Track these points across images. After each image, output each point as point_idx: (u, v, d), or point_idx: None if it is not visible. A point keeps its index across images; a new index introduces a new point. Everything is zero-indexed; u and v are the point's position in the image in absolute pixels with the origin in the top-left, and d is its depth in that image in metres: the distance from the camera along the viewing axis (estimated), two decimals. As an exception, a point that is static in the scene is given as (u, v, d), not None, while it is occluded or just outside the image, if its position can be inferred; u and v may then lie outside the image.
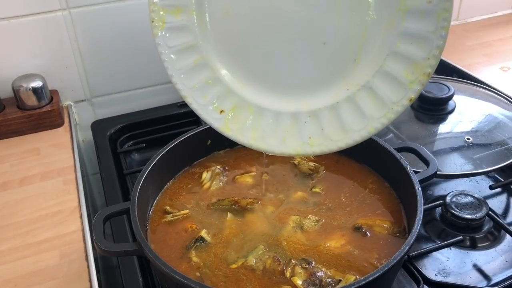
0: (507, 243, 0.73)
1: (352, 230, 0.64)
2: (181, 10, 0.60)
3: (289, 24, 0.58)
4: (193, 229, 0.65)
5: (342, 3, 0.56)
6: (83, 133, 1.06)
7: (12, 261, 0.69)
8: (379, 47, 0.56)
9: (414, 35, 0.54)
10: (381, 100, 0.56)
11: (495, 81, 1.05)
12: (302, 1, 0.57)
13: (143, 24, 1.00)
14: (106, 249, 0.58)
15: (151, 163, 0.69)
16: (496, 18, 1.40)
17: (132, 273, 0.67)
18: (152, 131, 1.01)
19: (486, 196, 0.79)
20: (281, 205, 0.69)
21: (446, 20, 0.52)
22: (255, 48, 0.60)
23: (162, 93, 1.08)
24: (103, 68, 1.02)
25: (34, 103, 0.95)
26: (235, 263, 0.60)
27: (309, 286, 0.57)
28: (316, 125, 0.59)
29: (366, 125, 0.56)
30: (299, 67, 0.60)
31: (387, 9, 0.54)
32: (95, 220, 0.61)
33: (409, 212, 0.65)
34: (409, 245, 0.55)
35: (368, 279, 0.52)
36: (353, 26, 0.56)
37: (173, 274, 0.53)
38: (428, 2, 0.51)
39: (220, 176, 0.74)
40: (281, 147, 0.60)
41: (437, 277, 0.68)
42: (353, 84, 0.57)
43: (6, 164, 0.88)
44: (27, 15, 0.92)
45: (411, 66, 0.54)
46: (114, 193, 0.83)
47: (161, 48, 0.61)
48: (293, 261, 0.59)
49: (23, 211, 0.77)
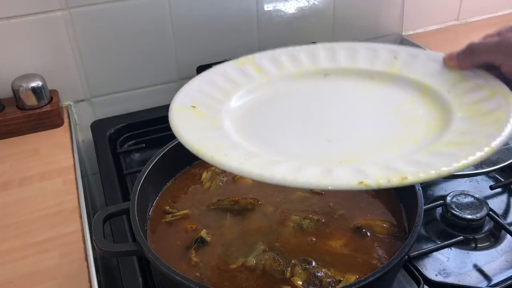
0: (508, 243, 0.73)
1: (352, 230, 0.64)
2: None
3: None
4: (193, 229, 0.65)
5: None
6: (83, 133, 1.06)
7: (12, 261, 0.68)
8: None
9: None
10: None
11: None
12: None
13: (143, 24, 1.00)
14: (106, 249, 0.58)
15: (150, 163, 0.69)
16: (496, 18, 1.40)
17: (132, 273, 0.67)
18: (152, 131, 1.01)
19: (486, 196, 0.79)
20: (281, 205, 0.68)
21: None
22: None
23: (162, 93, 1.08)
24: (103, 68, 1.02)
25: (33, 103, 0.95)
26: (235, 263, 0.60)
27: (309, 286, 0.57)
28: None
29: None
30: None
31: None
32: (94, 220, 0.61)
33: (409, 212, 0.65)
34: (409, 245, 0.55)
35: (368, 279, 0.51)
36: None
37: (173, 275, 0.52)
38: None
39: (220, 176, 0.73)
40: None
41: (438, 277, 0.68)
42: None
43: (6, 164, 0.88)
44: (27, 15, 0.92)
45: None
46: (114, 193, 0.83)
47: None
48: (293, 261, 0.59)
49: (23, 211, 0.77)
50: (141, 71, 1.05)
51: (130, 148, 0.99)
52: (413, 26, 1.32)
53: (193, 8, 1.02)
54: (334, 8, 1.16)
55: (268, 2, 1.08)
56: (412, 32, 1.32)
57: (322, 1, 1.14)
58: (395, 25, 1.26)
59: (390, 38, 1.28)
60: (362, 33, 1.23)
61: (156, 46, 1.03)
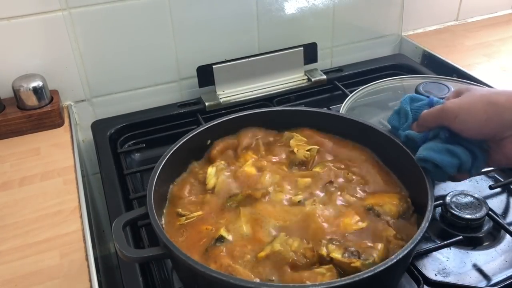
0: (507, 243, 0.73)
1: (364, 210, 0.65)
2: None
3: None
4: (209, 230, 0.64)
5: None
6: (83, 133, 1.06)
7: (12, 261, 0.69)
8: None
9: None
10: None
11: (495, 81, 1.05)
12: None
13: (143, 24, 1.00)
14: (133, 256, 0.57)
15: (159, 165, 0.68)
16: (496, 18, 1.40)
17: (132, 273, 0.67)
18: (152, 131, 1.01)
19: (486, 196, 0.79)
20: (289, 192, 0.69)
21: None
22: None
23: (162, 93, 1.08)
24: (103, 68, 1.02)
25: (34, 103, 0.95)
26: (264, 251, 0.59)
27: (349, 256, 0.57)
28: None
29: None
30: None
31: None
32: (114, 228, 0.59)
33: (414, 190, 0.67)
34: (428, 220, 0.57)
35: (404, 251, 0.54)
36: None
37: (215, 275, 0.52)
38: None
39: (224, 171, 0.73)
40: None
41: (437, 277, 0.68)
42: None
43: (6, 164, 0.88)
44: (27, 15, 0.92)
45: None
46: (114, 193, 0.83)
47: None
48: (323, 241, 0.60)
49: (23, 211, 0.77)
50: (141, 71, 1.05)
51: (131, 148, 0.99)
52: (413, 26, 1.32)
53: (193, 8, 1.02)
54: (334, 8, 1.16)
55: (268, 2, 1.08)
56: (411, 32, 1.32)
57: (322, 1, 1.14)
58: (395, 25, 1.27)
59: (390, 38, 1.28)
60: (361, 33, 1.23)
61: (156, 46, 1.04)
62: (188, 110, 1.04)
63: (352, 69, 1.18)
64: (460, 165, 0.63)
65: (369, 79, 1.05)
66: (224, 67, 1.04)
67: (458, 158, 0.62)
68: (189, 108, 1.04)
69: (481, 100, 0.60)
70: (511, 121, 0.58)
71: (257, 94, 1.07)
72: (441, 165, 0.62)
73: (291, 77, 1.11)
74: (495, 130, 0.59)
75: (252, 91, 1.07)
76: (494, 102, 0.58)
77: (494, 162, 0.63)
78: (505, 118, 0.58)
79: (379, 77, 1.05)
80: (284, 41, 1.10)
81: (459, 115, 0.60)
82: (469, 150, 0.63)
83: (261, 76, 1.08)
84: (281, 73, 1.10)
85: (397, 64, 1.21)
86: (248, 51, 1.08)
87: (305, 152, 0.75)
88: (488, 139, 0.61)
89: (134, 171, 0.88)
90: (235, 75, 1.05)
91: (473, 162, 0.63)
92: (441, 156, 0.62)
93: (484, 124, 0.59)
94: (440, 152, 0.63)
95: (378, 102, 0.98)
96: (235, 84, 1.06)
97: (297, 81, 1.11)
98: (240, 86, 1.07)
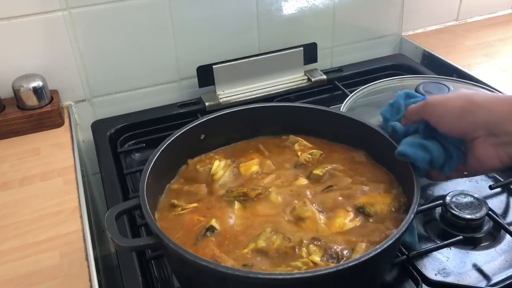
0: (507, 243, 0.73)
1: (355, 210, 0.65)
2: None
3: None
4: (201, 221, 0.65)
5: None
6: (83, 133, 1.06)
7: (12, 261, 0.69)
8: None
9: None
10: None
11: (495, 81, 1.05)
12: None
13: (143, 24, 1.00)
14: (124, 245, 0.58)
15: (152, 158, 0.68)
16: (496, 18, 1.40)
17: (132, 273, 0.67)
18: (152, 131, 1.01)
19: (486, 196, 0.79)
20: (285, 191, 0.69)
21: None
22: None
23: (162, 93, 1.08)
24: (103, 68, 1.02)
25: (34, 103, 0.95)
26: (247, 248, 0.60)
27: (328, 260, 0.57)
28: None
29: None
30: None
31: None
32: (107, 218, 0.59)
33: (406, 187, 0.67)
34: (414, 212, 0.57)
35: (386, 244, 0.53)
36: None
37: (200, 262, 0.52)
38: None
39: (231, 167, 0.74)
40: None
41: (437, 277, 0.68)
42: None
43: (6, 164, 0.88)
44: (27, 15, 0.92)
45: None
46: (114, 193, 0.83)
47: None
48: (304, 241, 0.60)
49: (23, 211, 0.77)
50: (141, 71, 1.05)
51: (131, 148, 0.99)
52: (413, 26, 1.32)
53: (193, 8, 1.02)
54: (334, 8, 1.16)
55: (268, 2, 1.08)
56: (411, 32, 1.32)
57: (322, 1, 1.14)
58: (395, 25, 1.27)
59: (390, 38, 1.28)
60: (361, 33, 1.23)
61: (156, 46, 1.04)
62: (188, 110, 1.04)
63: (352, 69, 1.18)
64: (431, 160, 0.63)
65: (369, 79, 1.05)
66: (224, 67, 1.04)
67: (430, 153, 0.63)
68: (189, 108, 1.04)
69: (460, 97, 0.60)
70: (483, 120, 0.58)
71: (257, 94, 1.07)
72: (412, 159, 0.63)
73: (291, 77, 1.11)
74: (466, 127, 0.60)
75: (252, 91, 1.07)
76: (471, 100, 0.59)
77: (470, 167, 0.63)
78: (478, 117, 0.58)
79: (379, 77, 1.05)
80: (284, 41, 1.10)
81: (438, 109, 0.61)
82: (444, 147, 0.63)
83: (261, 76, 1.08)
84: (281, 73, 1.10)
85: (397, 64, 1.22)
86: (248, 51, 1.08)
87: (307, 155, 0.75)
88: (461, 136, 0.61)
89: (134, 171, 0.88)
90: (235, 75, 1.06)
91: (447, 160, 0.63)
92: (414, 150, 0.63)
93: (456, 120, 0.59)
94: (414, 146, 0.63)
95: (378, 102, 0.97)
96: (235, 84, 1.07)
97: (297, 81, 1.11)
98: (240, 86, 1.07)
